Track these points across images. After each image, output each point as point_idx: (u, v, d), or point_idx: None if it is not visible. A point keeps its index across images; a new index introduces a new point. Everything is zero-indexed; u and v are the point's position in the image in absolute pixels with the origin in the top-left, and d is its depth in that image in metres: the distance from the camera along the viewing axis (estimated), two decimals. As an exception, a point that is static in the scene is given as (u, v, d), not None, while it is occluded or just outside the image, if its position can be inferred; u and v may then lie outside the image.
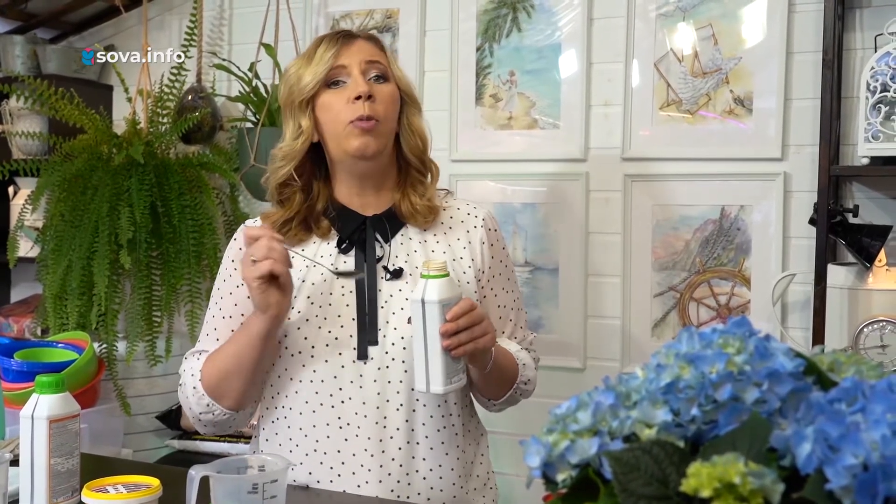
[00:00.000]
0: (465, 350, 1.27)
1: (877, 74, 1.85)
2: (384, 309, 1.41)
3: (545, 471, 0.63)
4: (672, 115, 2.21)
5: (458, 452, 1.43)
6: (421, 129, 1.49)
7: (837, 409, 0.56)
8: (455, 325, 1.25)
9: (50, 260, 2.33)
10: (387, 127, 1.43)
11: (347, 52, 1.43)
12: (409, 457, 1.39)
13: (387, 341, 1.39)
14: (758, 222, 2.13)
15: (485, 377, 1.40)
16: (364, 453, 1.38)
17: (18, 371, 2.11)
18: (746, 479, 0.52)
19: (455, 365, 1.28)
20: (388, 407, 1.38)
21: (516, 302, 1.55)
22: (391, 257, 1.45)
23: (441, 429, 1.41)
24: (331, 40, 1.45)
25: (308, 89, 1.42)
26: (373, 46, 1.47)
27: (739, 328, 0.64)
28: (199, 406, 1.41)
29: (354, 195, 1.48)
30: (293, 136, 1.45)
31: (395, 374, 1.38)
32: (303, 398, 1.41)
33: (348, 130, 1.40)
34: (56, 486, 1.20)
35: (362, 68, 1.42)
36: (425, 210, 1.46)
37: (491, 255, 1.50)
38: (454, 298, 1.27)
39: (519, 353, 1.50)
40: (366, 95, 1.39)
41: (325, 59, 1.42)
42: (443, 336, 1.25)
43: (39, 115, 2.63)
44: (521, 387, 1.48)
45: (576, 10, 2.29)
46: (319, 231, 1.46)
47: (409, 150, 1.48)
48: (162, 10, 2.80)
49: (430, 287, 1.26)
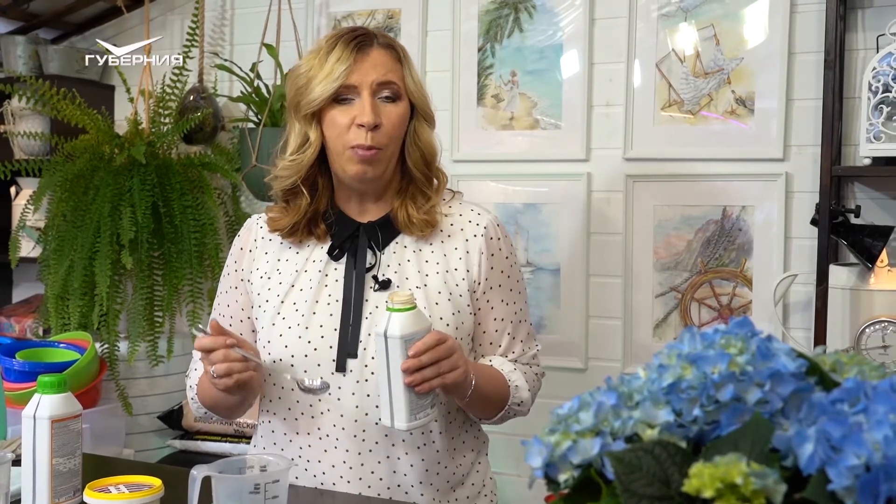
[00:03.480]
0: (431, 385, 1.22)
1: (879, 75, 1.85)
2: (368, 321, 1.38)
3: (547, 471, 0.63)
4: (674, 115, 2.21)
5: (439, 468, 1.41)
6: (429, 142, 1.45)
7: (840, 410, 0.56)
8: (418, 361, 1.20)
9: (52, 260, 2.33)
10: (389, 152, 1.39)
11: (360, 68, 1.37)
12: (390, 471, 1.38)
13: (366, 354, 1.36)
14: (759, 223, 2.13)
15: (467, 405, 1.38)
16: (343, 465, 1.37)
17: (20, 371, 2.11)
18: (748, 480, 0.52)
19: (420, 401, 1.23)
20: (367, 421, 1.36)
21: (518, 314, 1.48)
22: (382, 266, 1.42)
23: (421, 445, 1.39)
24: (345, 48, 1.37)
25: (315, 104, 1.37)
26: (389, 59, 1.40)
27: (741, 328, 0.64)
28: (198, 412, 1.52)
29: (354, 202, 1.46)
30: (300, 145, 1.41)
31: (374, 388, 1.34)
32: (285, 405, 1.41)
33: (348, 155, 1.37)
34: (58, 487, 1.20)
35: (373, 89, 1.37)
36: (422, 223, 1.42)
37: (490, 265, 1.44)
38: (419, 332, 1.22)
39: (511, 375, 1.43)
40: (370, 126, 1.35)
41: (336, 76, 1.35)
42: (405, 372, 1.21)
43: (41, 116, 2.63)
44: (513, 408, 1.43)
45: (577, 10, 2.29)
46: (317, 233, 1.45)
47: (413, 163, 1.43)
48: (164, 10, 2.80)
49: (393, 321, 1.21)
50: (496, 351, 1.47)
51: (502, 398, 1.42)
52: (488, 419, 1.46)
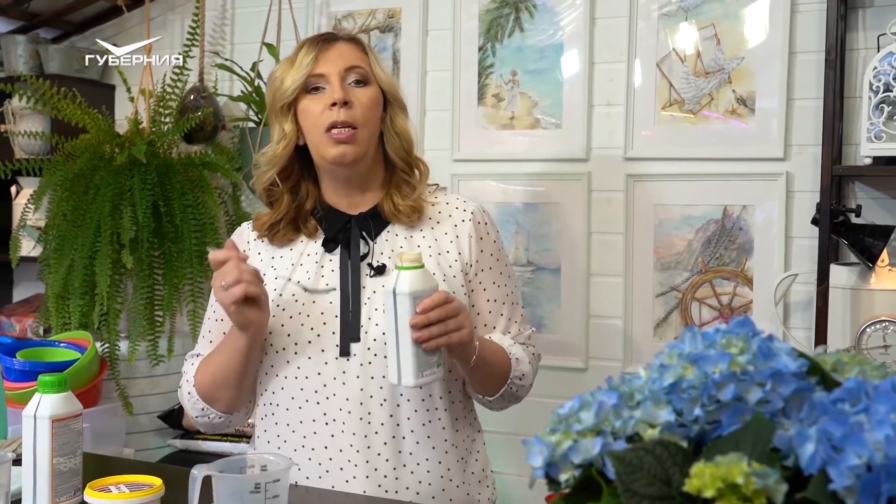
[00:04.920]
0: (438, 343, 1.24)
1: (879, 74, 1.85)
2: (367, 305, 1.41)
3: (548, 471, 0.63)
4: (674, 114, 2.21)
5: (446, 446, 1.43)
6: (405, 129, 1.49)
7: (841, 410, 0.56)
8: (426, 317, 1.23)
9: (52, 259, 2.33)
10: (366, 132, 1.43)
11: (326, 57, 1.44)
12: (396, 451, 1.39)
13: (369, 337, 1.40)
14: (760, 222, 2.13)
15: (471, 372, 1.38)
16: (350, 449, 1.39)
17: (21, 370, 2.11)
18: (750, 480, 0.52)
19: (428, 358, 1.25)
20: (372, 403, 1.39)
21: (510, 296, 1.52)
22: (376, 254, 1.45)
23: (426, 423, 1.41)
24: (311, 45, 1.46)
25: (288, 94, 1.44)
26: (353, 49, 1.47)
27: (742, 328, 0.64)
28: (194, 410, 1.48)
29: (342, 196, 1.49)
30: (277, 140, 1.47)
31: (378, 370, 1.38)
32: (288, 394, 1.43)
33: (325, 139, 1.41)
34: (58, 486, 1.20)
35: (341, 75, 1.43)
36: (408, 210, 1.46)
37: (480, 248, 1.49)
38: (427, 290, 1.24)
39: (511, 348, 1.46)
40: (341, 102, 1.40)
41: (304, 65, 1.43)
42: (413, 328, 1.23)
43: (42, 115, 2.63)
44: (515, 382, 1.45)
45: (578, 9, 2.28)
46: (307, 230, 1.48)
47: (393, 151, 1.48)
48: (164, 9, 2.80)
49: (401, 278, 1.24)
50: (492, 333, 1.49)
51: (504, 369, 1.44)
52: (491, 395, 1.45)
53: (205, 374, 1.45)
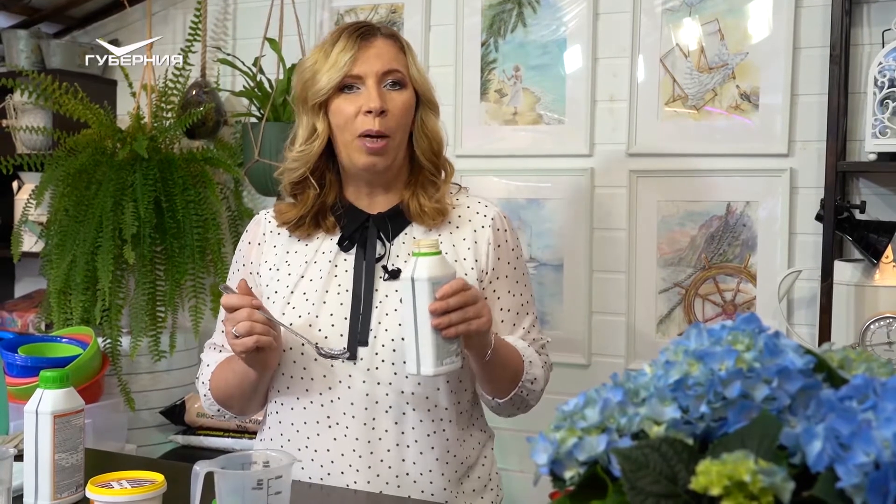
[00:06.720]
0: (458, 331, 1.21)
1: (884, 70, 1.84)
2: (378, 309, 1.39)
3: (553, 468, 0.62)
4: (678, 110, 2.20)
5: (449, 457, 1.41)
6: (435, 130, 1.47)
7: (848, 407, 0.55)
8: (445, 303, 1.20)
9: (54, 255, 2.33)
10: (398, 139, 1.41)
11: (364, 57, 1.39)
12: (399, 459, 1.38)
13: (377, 342, 1.37)
14: (764, 218, 2.13)
15: (485, 368, 1.35)
16: (352, 453, 1.38)
17: (22, 366, 2.11)
18: (756, 477, 0.51)
19: (447, 346, 1.22)
20: (377, 409, 1.37)
21: (524, 306, 1.50)
22: (392, 256, 1.43)
23: (432, 433, 1.39)
24: (349, 40, 1.40)
25: (322, 94, 1.40)
26: (392, 48, 1.43)
27: (749, 325, 0.64)
28: (211, 409, 1.50)
29: (363, 194, 1.48)
30: (308, 137, 1.43)
31: (385, 376, 1.37)
32: (294, 395, 1.42)
33: (357, 145, 1.39)
34: (60, 482, 1.20)
35: (378, 78, 1.39)
36: (433, 212, 1.44)
37: (497, 256, 1.46)
38: (446, 277, 1.22)
39: (525, 351, 1.44)
40: (377, 112, 1.37)
41: (341, 65, 1.39)
42: (432, 315, 1.20)
43: (43, 110, 2.63)
44: (526, 385, 1.42)
45: (581, 5, 2.28)
46: (326, 226, 1.47)
47: (422, 152, 1.46)
48: (166, 4, 2.79)
49: (419, 265, 1.21)
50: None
51: (517, 370, 1.41)
52: (501, 397, 1.42)
53: (219, 387, 1.46)
